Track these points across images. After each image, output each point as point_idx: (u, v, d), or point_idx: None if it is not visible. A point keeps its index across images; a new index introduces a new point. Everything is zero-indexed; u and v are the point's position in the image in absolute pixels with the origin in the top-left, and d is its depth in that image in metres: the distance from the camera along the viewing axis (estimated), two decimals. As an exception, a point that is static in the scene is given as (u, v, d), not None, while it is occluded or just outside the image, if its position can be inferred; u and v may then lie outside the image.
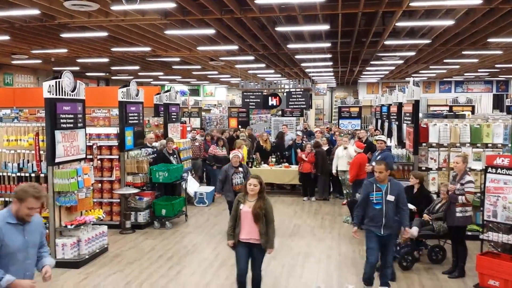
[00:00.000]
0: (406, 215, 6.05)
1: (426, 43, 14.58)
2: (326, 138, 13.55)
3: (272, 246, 5.55)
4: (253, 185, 5.48)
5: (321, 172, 12.15)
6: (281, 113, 20.06)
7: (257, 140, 14.63)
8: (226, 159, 11.88)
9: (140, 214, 9.64)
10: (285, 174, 12.86)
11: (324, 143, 12.80)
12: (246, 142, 13.32)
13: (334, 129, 16.27)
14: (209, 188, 12.27)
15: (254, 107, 17.85)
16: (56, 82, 7.24)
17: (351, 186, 10.60)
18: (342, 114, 20.21)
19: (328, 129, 17.69)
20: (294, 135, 14.68)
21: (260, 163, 13.08)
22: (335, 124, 23.16)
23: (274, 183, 13.47)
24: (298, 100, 16.50)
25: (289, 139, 14.38)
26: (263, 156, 13.50)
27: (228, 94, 37.04)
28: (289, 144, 14.15)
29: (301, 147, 12.91)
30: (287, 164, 13.18)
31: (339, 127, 18.23)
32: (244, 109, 18.58)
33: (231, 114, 19.81)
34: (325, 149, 12.55)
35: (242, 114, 19.00)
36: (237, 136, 14.78)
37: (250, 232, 5.47)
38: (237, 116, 19.26)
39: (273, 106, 17.08)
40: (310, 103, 17.82)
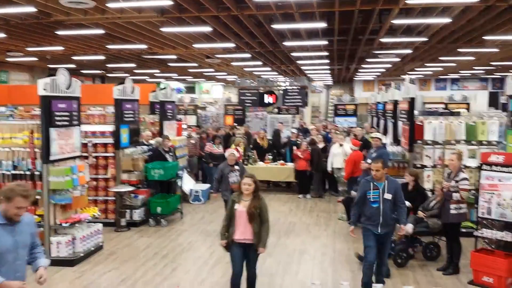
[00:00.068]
0: (404, 213, 6.03)
1: (422, 41, 14.61)
2: (322, 136, 13.56)
3: (264, 246, 5.46)
4: (247, 184, 5.41)
5: (316, 170, 12.17)
6: (277, 110, 20.06)
7: (254, 137, 14.64)
8: (223, 157, 11.89)
9: (135, 212, 9.63)
10: (280, 171, 12.87)
11: (320, 141, 12.81)
12: (243, 140, 13.32)
13: (331, 127, 16.27)
14: (205, 186, 12.28)
15: (250, 104, 17.86)
16: (51, 79, 7.22)
17: (346, 183, 10.63)
18: (338, 111, 20.17)
19: (324, 127, 17.68)
20: (290, 133, 14.68)
21: (255, 161, 13.09)
22: (330, 121, 23.18)
23: (270, 181, 13.49)
24: (294, 98, 16.53)
25: (285, 136, 14.39)
26: (260, 154, 13.50)
27: (225, 92, 37.02)
28: (284, 141, 14.16)
29: (296, 145, 12.91)
30: (282, 161, 13.19)
31: (335, 124, 18.22)
32: (240, 107, 18.55)
33: (227, 112, 19.73)
34: (321, 146, 12.56)
35: (238, 111, 18.95)
36: (233, 134, 14.78)
37: (244, 232, 5.40)
38: (233, 113, 19.18)
39: (269, 103, 17.10)
40: (306, 100, 17.85)
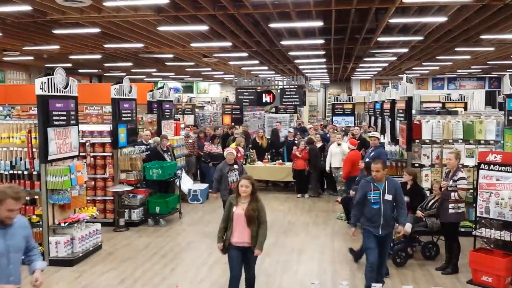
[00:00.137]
0: (404, 213, 5.96)
1: (419, 39, 14.62)
2: (319, 135, 13.56)
3: (260, 248, 5.31)
4: (244, 186, 5.29)
5: (313, 169, 12.16)
6: (275, 110, 20.05)
7: (253, 137, 14.62)
8: (222, 157, 11.88)
9: (134, 212, 9.62)
10: (279, 171, 12.86)
11: (318, 140, 12.81)
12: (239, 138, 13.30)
13: (330, 127, 16.20)
14: (203, 186, 12.26)
15: (248, 104, 17.83)
16: (48, 79, 7.19)
17: (344, 183, 10.63)
18: (335, 111, 20.18)
19: (322, 126, 17.68)
20: (287, 132, 14.67)
21: (254, 160, 13.08)
22: (328, 120, 23.18)
23: (269, 180, 13.48)
24: (291, 97, 16.51)
25: (283, 136, 14.38)
26: (259, 153, 13.49)
27: (222, 91, 36.99)
28: (281, 141, 14.15)
29: (294, 144, 12.90)
30: (281, 161, 13.18)
31: (333, 124, 18.22)
32: (238, 106, 18.54)
33: (225, 111, 19.75)
34: (319, 146, 12.56)
35: (236, 111, 18.95)
36: (231, 133, 14.76)
37: (242, 236, 5.28)
38: (231, 113, 19.20)
39: (267, 103, 17.08)
40: (304, 100, 17.83)
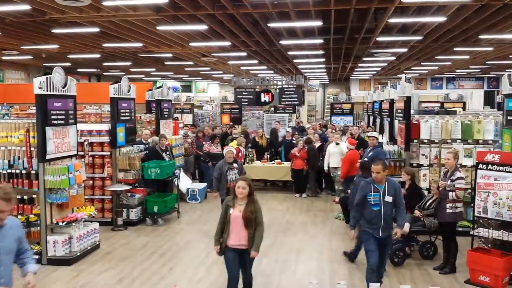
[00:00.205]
0: (403, 214, 5.87)
1: (418, 39, 14.63)
2: (318, 135, 13.57)
3: (257, 249, 5.23)
4: (241, 188, 5.19)
5: (312, 168, 12.17)
6: (273, 109, 20.04)
7: (252, 136, 14.61)
8: (221, 156, 11.86)
9: (132, 211, 9.61)
10: (277, 170, 12.86)
11: (316, 140, 12.82)
12: (239, 138, 13.29)
13: (330, 127, 16.15)
14: (202, 185, 12.26)
15: (246, 103, 17.83)
16: (47, 78, 7.18)
17: (343, 182, 10.63)
18: (334, 110, 20.20)
19: (320, 126, 17.67)
20: (285, 132, 14.67)
21: (252, 160, 13.07)
22: (327, 120, 23.18)
23: (267, 180, 13.48)
24: (290, 97, 16.51)
25: (282, 135, 14.39)
26: (259, 153, 13.50)
27: (221, 91, 36.98)
28: (280, 140, 14.16)
29: (292, 144, 12.91)
30: (279, 160, 13.18)
31: (332, 124, 18.21)
32: (236, 106, 18.53)
33: (224, 111, 19.71)
34: (317, 145, 12.56)
35: (234, 110, 18.93)
36: (230, 133, 14.74)
37: (239, 238, 5.19)
38: (229, 112, 19.17)
39: (265, 102, 17.07)
40: (302, 99, 17.83)
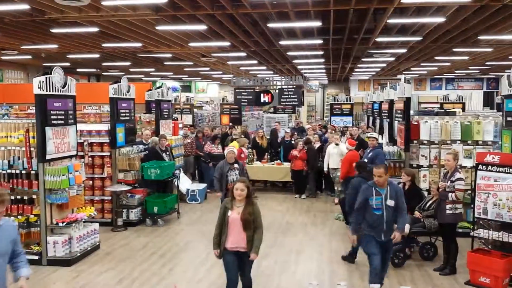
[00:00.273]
0: (403, 217, 5.72)
1: (417, 40, 14.64)
2: (318, 135, 13.56)
3: (256, 252, 5.19)
4: (240, 190, 5.13)
5: (311, 169, 12.16)
6: (273, 110, 20.02)
7: (253, 137, 14.60)
8: (222, 157, 11.84)
9: (132, 212, 9.60)
10: (277, 171, 12.85)
11: (316, 140, 12.81)
12: (239, 139, 13.28)
13: (330, 128, 16.10)
14: (201, 186, 12.25)
15: (246, 104, 17.81)
16: (46, 78, 7.18)
17: (342, 183, 10.61)
18: (334, 111, 20.21)
19: (320, 126, 17.66)
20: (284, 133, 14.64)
21: (252, 161, 13.06)
22: (326, 121, 23.17)
23: (267, 181, 13.46)
24: (290, 97, 16.49)
25: (282, 136, 14.38)
26: (259, 153, 13.49)
27: (220, 91, 36.96)
28: (279, 141, 14.16)
29: (290, 145, 12.91)
30: (279, 161, 13.17)
31: (332, 125, 18.19)
32: (236, 106, 18.52)
33: (223, 111, 19.71)
34: (317, 146, 12.56)
35: (234, 111, 18.92)
36: (231, 133, 14.72)
37: (237, 240, 5.15)
38: (229, 113, 19.16)
39: (265, 103, 17.04)
40: (302, 100, 17.82)
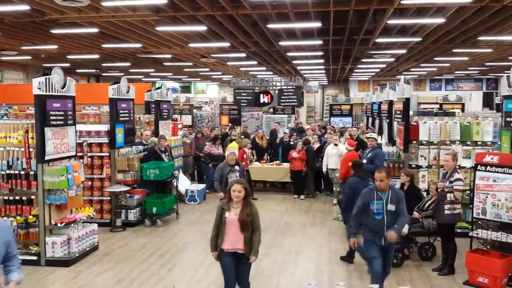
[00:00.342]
0: (403, 220, 5.62)
1: (417, 41, 14.65)
2: (317, 136, 13.56)
3: (256, 254, 5.15)
4: (237, 191, 5.07)
5: (310, 169, 12.16)
6: (272, 110, 20.03)
7: (252, 137, 14.60)
8: (222, 157, 11.83)
9: (130, 212, 9.60)
10: (276, 172, 12.85)
11: (315, 141, 12.80)
12: (238, 139, 13.28)
13: (329, 128, 16.10)
14: (200, 186, 12.26)
15: (245, 104, 17.81)
16: (46, 78, 7.18)
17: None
18: (333, 111, 20.23)
19: (319, 127, 17.66)
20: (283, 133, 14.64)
21: (251, 161, 13.05)
22: (326, 121, 23.17)
23: (266, 181, 13.46)
24: (289, 98, 16.49)
25: (281, 136, 14.39)
26: (259, 154, 13.49)
27: (220, 91, 36.96)
28: (277, 142, 14.16)
29: (289, 145, 12.90)
30: (278, 161, 13.17)
31: (332, 125, 18.20)
32: (235, 107, 18.52)
33: (223, 112, 19.72)
34: (316, 147, 12.55)
35: (233, 111, 18.92)
36: (230, 134, 14.71)
37: (235, 242, 5.10)
38: (228, 113, 19.17)
39: (264, 103, 17.04)
40: (301, 100, 17.83)
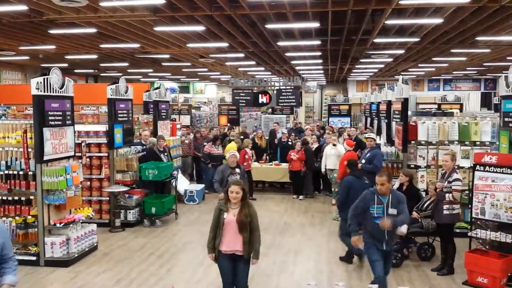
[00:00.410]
0: (403, 219, 5.51)
1: (415, 41, 14.66)
2: (316, 136, 13.56)
3: (257, 257, 5.12)
4: (235, 192, 5.03)
5: (309, 169, 12.16)
6: (271, 110, 20.03)
7: (252, 137, 14.60)
8: (222, 158, 11.84)
9: (129, 212, 9.59)
10: (275, 172, 12.86)
11: (314, 141, 12.81)
12: (237, 139, 13.28)
13: (328, 129, 16.11)
14: (199, 186, 12.25)
15: (244, 104, 17.82)
16: (44, 79, 7.17)
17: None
18: (332, 112, 20.23)
19: (318, 127, 17.67)
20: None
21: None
22: (324, 121, 23.18)
23: (265, 181, 13.46)
24: (288, 98, 16.51)
25: (279, 137, 14.39)
26: (258, 154, 13.48)
27: (218, 92, 36.94)
28: (276, 142, 14.18)
29: (287, 146, 12.89)
30: (277, 162, 13.17)
31: (330, 125, 18.20)
32: (234, 107, 18.52)
33: (221, 112, 19.71)
34: (315, 147, 12.55)
35: (232, 111, 18.93)
36: (229, 134, 14.71)
37: (233, 243, 5.03)
38: (227, 113, 19.17)
39: (263, 103, 17.06)
40: (300, 100, 17.83)
